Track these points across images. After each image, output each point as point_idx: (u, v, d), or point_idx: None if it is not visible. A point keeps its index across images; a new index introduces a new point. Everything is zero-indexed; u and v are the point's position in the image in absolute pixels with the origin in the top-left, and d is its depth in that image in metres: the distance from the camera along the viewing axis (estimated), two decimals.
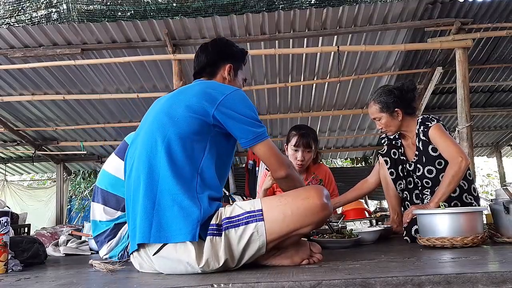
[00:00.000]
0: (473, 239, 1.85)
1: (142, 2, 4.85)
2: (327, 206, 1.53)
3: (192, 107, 1.57)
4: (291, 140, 2.97)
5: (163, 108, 1.65)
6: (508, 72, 5.91)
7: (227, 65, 1.85)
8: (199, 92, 1.62)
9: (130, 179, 1.62)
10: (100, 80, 5.46)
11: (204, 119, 1.56)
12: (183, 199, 1.46)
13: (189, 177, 1.50)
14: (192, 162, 1.52)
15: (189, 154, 1.52)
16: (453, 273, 1.20)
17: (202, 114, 1.56)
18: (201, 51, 1.89)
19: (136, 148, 1.64)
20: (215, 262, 1.45)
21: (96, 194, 2.23)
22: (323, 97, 6.20)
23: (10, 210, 1.89)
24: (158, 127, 1.58)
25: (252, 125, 1.59)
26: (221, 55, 1.87)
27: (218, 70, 1.85)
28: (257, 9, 4.66)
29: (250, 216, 1.48)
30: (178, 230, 1.44)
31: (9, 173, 9.65)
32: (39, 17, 4.87)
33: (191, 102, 1.59)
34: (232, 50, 1.91)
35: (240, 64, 1.93)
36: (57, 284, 1.45)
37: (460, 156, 2.21)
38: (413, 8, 4.33)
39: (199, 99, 1.58)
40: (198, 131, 1.55)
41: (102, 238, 2.17)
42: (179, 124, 1.55)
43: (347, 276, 1.23)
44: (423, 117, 2.45)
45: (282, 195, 1.60)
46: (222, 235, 1.46)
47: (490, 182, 13.60)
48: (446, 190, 2.20)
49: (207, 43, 1.93)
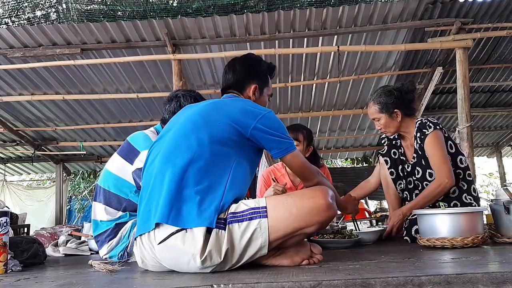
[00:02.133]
0: (474, 239, 1.84)
1: (142, 2, 4.85)
2: (332, 206, 1.56)
3: (233, 117, 1.64)
4: None
5: (200, 112, 1.70)
6: (508, 72, 5.91)
7: (252, 86, 1.89)
8: (241, 108, 1.70)
9: (153, 166, 1.65)
10: (99, 80, 5.46)
11: (241, 130, 1.62)
12: (209, 192, 1.52)
13: (217, 178, 1.55)
14: (224, 166, 1.58)
15: (222, 157, 1.58)
16: (454, 273, 1.19)
17: (241, 126, 1.63)
18: (228, 68, 1.94)
19: (164, 141, 1.68)
20: (217, 256, 1.45)
21: (98, 194, 2.22)
22: (323, 97, 6.20)
23: (10, 210, 1.88)
24: (193, 127, 1.63)
25: (284, 138, 1.70)
26: (248, 76, 1.91)
27: (244, 90, 1.90)
28: (257, 9, 4.66)
29: (254, 212, 1.50)
30: (194, 218, 1.47)
31: (8, 173, 9.65)
32: (39, 17, 4.87)
33: (234, 114, 1.66)
34: (259, 70, 1.94)
35: (266, 81, 1.97)
36: (56, 284, 1.44)
37: (447, 178, 2.28)
38: (413, 8, 4.33)
39: (242, 114, 1.66)
40: (232, 138, 1.61)
41: (103, 237, 2.16)
42: (215, 128, 1.61)
43: (347, 277, 1.23)
44: (421, 122, 2.42)
45: (288, 194, 1.64)
46: (226, 229, 1.48)
47: (491, 182, 13.61)
48: (421, 202, 2.32)
49: (235, 60, 1.97)
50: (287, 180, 3.04)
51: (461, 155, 2.45)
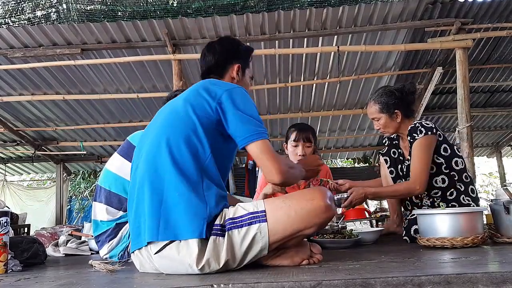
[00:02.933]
0: (473, 239, 1.85)
1: (142, 2, 4.85)
2: (330, 207, 1.53)
3: (190, 100, 1.58)
4: (290, 136, 2.90)
5: (170, 108, 1.67)
6: (508, 72, 5.91)
7: (235, 65, 1.83)
8: (199, 87, 1.63)
9: (136, 177, 1.63)
10: (100, 80, 5.47)
11: (206, 116, 1.56)
12: (190, 197, 1.46)
13: (195, 175, 1.50)
14: (197, 161, 1.52)
15: (194, 152, 1.53)
16: (453, 273, 1.19)
17: (203, 110, 1.56)
18: (207, 50, 1.86)
19: (143, 147, 1.66)
20: (216, 263, 1.44)
21: (98, 194, 2.22)
22: (323, 97, 6.20)
23: (10, 210, 1.88)
24: (162, 128, 1.60)
25: (249, 123, 1.57)
26: (229, 55, 1.83)
27: (226, 71, 1.83)
28: (257, 9, 4.66)
29: (253, 217, 1.47)
30: (185, 227, 1.44)
31: (9, 173, 9.65)
32: (39, 17, 4.87)
33: (189, 96, 1.60)
34: (239, 49, 1.88)
35: (247, 62, 1.90)
36: (56, 284, 1.44)
37: (419, 186, 2.29)
38: (413, 8, 4.33)
39: (199, 93, 1.59)
40: (200, 129, 1.55)
41: (103, 237, 2.16)
42: (182, 123, 1.56)
43: (347, 277, 1.23)
44: (413, 126, 2.39)
45: (286, 196, 1.60)
46: (225, 236, 1.45)
47: (491, 182, 13.59)
48: (385, 194, 2.43)
49: (213, 42, 1.89)
50: None
51: (457, 158, 2.42)
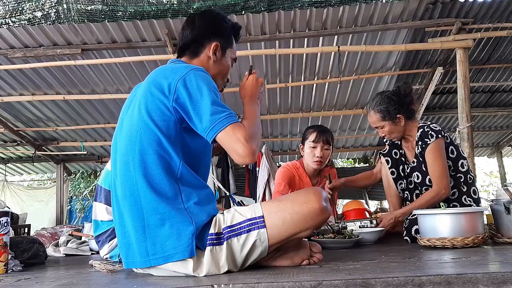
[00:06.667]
0: (474, 239, 1.84)
1: (142, 2, 4.84)
2: (326, 209, 1.49)
3: (145, 104, 1.46)
4: (309, 136, 2.84)
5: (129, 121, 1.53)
6: (508, 72, 5.90)
7: (213, 43, 1.65)
8: (151, 83, 1.49)
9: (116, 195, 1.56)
10: (100, 80, 5.46)
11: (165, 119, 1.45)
12: (171, 215, 1.41)
13: (171, 191, 1.43)
14: (171, 174, 1.44)
15: (165, 167, 1.44)
16: (454, 273, 1.19)
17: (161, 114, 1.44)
18: (187, 24, 1.70)
19: (116, 160, 1.56)
20: (217, 271, 1.43)
21: (98, 194, 2.22)
22: (324, 97, 6.19)
23: (10, 211, 1.89)
24: (128, 146, 1.49)
25: (206, 112, 1.40)
26: (208, 31, 1.66)
27: (203, 48, 1.66)
28: (257, 9, 4.66)
29: (252, 223, 1.44)
30: (173, 248, 1.40)
31: (9, 173, 9.65)
32: (39, 17, 4.87)
33: (143, 99, 1.48)
34: (222, 26, 1.69)
35: (230, 41, 1.72)
36: (57, 284, 1.44)
37: (444, 189, 2.29)
38: (413, 8, 4.33)
39: (152, 93, 1.46)
40: (164, 139, 1.44)
41: (103, 237, 2.16)
42: (145, 138, 1.45)
43: (347, 277, 1.23)
44: (423, 131, 2.39)
45: (281, 199, 1.53)
46: (224, 244, 1.43)
47: (492, 182, 13.59)
48: (413, 210, 2.29)
49: (195, 15, 1.72)
50: (307, 182, 2.92)
51: (462, 159, 2.44)
